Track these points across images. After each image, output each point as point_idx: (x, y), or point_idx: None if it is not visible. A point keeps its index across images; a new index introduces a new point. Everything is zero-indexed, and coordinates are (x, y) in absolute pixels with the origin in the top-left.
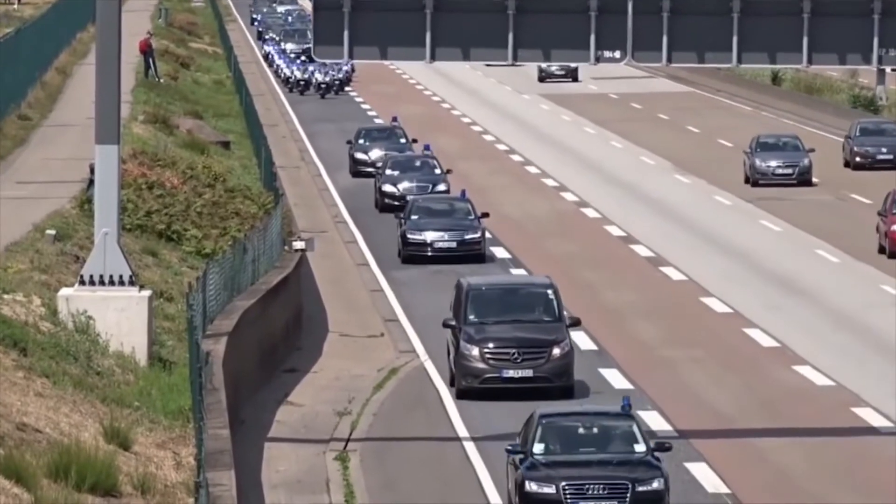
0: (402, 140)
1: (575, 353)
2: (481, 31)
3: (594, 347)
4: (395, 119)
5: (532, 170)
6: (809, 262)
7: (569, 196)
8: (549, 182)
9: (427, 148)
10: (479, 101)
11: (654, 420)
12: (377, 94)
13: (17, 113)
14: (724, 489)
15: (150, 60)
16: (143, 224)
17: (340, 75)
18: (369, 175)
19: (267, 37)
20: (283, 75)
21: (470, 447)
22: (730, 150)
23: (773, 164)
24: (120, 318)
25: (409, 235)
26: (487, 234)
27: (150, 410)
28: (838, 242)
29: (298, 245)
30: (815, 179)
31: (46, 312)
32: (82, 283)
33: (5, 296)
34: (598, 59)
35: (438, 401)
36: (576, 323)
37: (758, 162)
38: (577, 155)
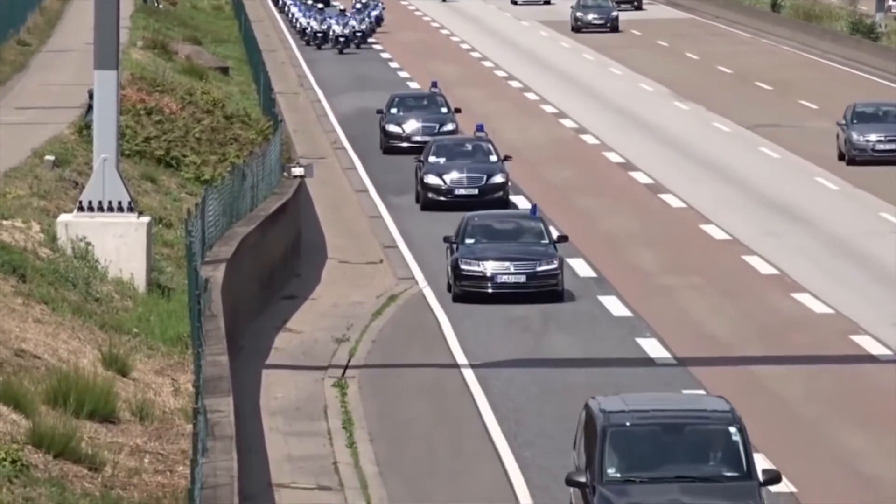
0: (444, 109)
1: (571, 280)
2: None
3: (593, 275)
4: (434, 84)
5: (531, 96)
6: (809, 190)
7: (568, 122)
8: (548, 108)
9: (480, 128)
10: (479, 28)
11: (653, 347)
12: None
13: (16, 38)
14: None
15: None
16: (142, 150)
17: (362, 27)
18: (402, 151)
19: None
20: (298, 26)
21: (468, 374)
22: (729, 76)
23: (874, 137)
24: (119, 244)
25: (463, 266)
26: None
27: (148, 337)
28: (837, 170)
29: (297, 171)
30: None
31: (45, 238)
32: (81, 209)
33: (4, 221)
34: None
35: (437, 328)
36: (773, 479)
37: (854, 135)
38: (576, 82)
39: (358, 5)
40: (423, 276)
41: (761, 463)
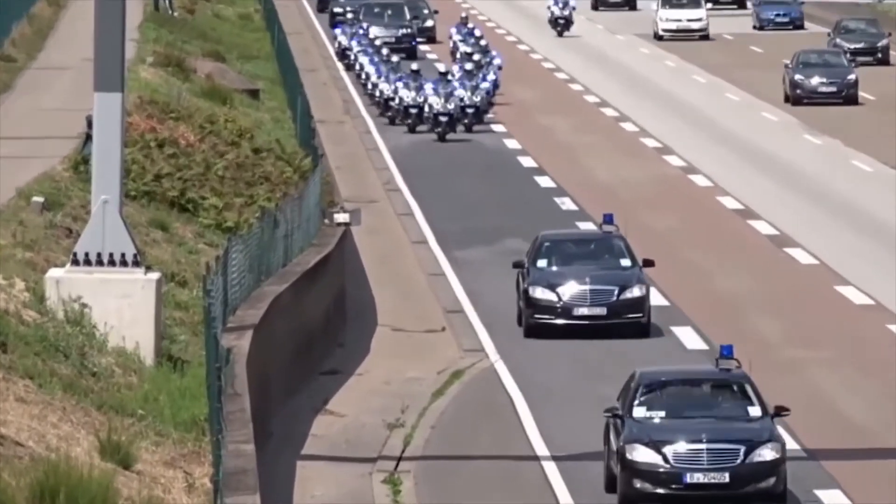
0: (624, 261)
1: (679, 355)
2: None
3: (703, 346)
4: (608, 219)
5: (628, 127)
6: None
7: (673, 159)
8: (650, 142)
9: (727, 351)
10: (564, 43)
11: None
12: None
13: (0, 53)
14: None
15: None
16: (152, 190)
17: (476, 98)
18: (557, 332)
19: (339, 12)
20: (378, 95)
21: (550, 468)
22: (871, 104)
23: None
24: (121, 305)
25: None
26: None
27: (156, 420)
28: None
29: (341, 218)
30: None
31: (31, 299)
32: (76, 262)
33: None
34: None
35: (511, 410)
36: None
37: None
38: (685, 109)
39: (468, 65)
40: (494, 347)
41: None
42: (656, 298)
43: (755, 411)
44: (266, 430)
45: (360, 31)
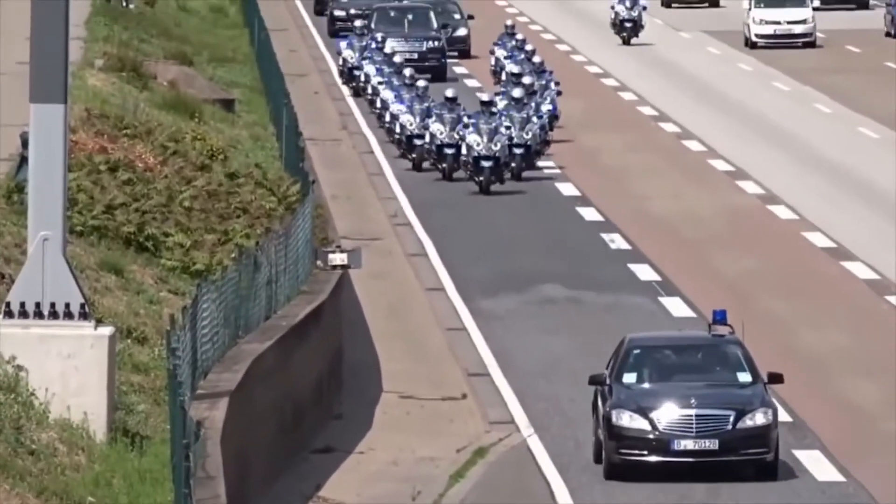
0: (742, 376)
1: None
2: None
3: (788, 419)
4: (719, 317)
5: (693, 146)
6: None
7: (749, 186)
8: (720, 165)
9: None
10: (614, 43)
11: None
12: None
13: None
14: None
15: None
16: (103, 225)
17: (526, 137)
18: (650, 472)
19: (340, 17)
20: (398, 129)
21: None
22: None
23: None
24: (66, 368)
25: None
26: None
27: None
28: None
29: (337, 259)
30: None
31: None
32: (9, 314)
33: None
34: None
35: (548, 498)
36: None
37: None
38: (763, 124)
39: (515, 92)
40: (527, 419)
41: None
42: None
43: None
44: None
45: (373, 45)
